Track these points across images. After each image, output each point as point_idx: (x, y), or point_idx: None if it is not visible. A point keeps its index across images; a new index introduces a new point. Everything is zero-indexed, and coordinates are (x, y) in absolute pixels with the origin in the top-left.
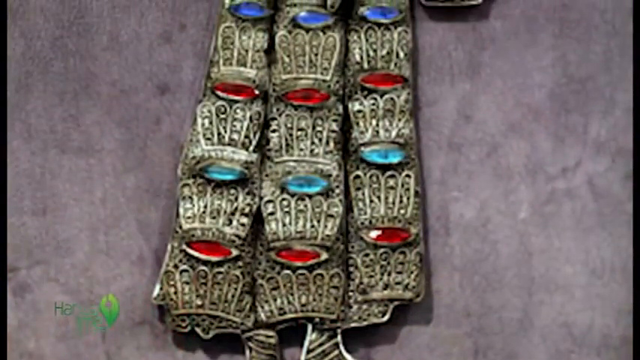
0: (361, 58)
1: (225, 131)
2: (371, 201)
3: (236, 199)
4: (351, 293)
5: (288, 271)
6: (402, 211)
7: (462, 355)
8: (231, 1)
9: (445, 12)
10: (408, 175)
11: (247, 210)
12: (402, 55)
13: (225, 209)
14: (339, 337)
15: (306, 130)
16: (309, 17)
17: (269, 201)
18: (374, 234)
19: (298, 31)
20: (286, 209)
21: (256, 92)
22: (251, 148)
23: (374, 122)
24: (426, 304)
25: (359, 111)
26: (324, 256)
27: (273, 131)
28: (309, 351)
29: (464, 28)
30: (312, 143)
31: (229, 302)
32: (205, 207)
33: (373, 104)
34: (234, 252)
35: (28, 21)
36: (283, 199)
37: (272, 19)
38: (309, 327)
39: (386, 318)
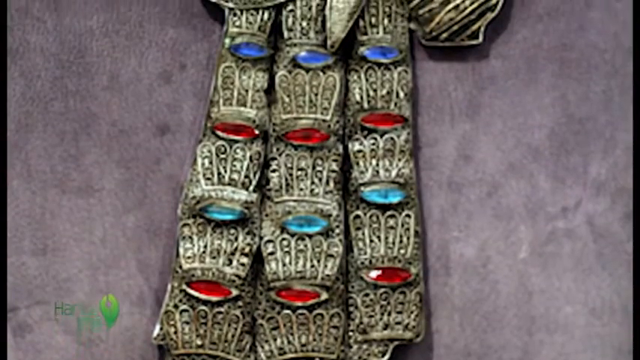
0: (361, 97)
1: (225, 171)
2: (371, 241)
3: (236, 238)
4: (351, 333)
5: (288, 311)
6: (402, 251)
7: None
8: (231, 40)
9: (445, 52)
10: (408, 215)
11: (247, 250)
12: (402, 94)
13: (225, 249)
14: None
15: (306, 169)
16: (309, 57)
17: (269, 241)
18: (374, 274)
19: (298, 71)
20: (286, 249)
21: (256, 132)
22: (251, 188)
23: (374, 162)
24: (426, 344)
25: (359, 151)
26: (324, 295)
27: (273, 171)
28: None
29: (464, 68)
30: (312, 183)
31: (229, 342)
32: (205, 247)
33: (373, 144)
34: (234, 292)
35: (28, 61)
36: (283, 239)
37: (272, 58)
38: None
39: (386, 358)
